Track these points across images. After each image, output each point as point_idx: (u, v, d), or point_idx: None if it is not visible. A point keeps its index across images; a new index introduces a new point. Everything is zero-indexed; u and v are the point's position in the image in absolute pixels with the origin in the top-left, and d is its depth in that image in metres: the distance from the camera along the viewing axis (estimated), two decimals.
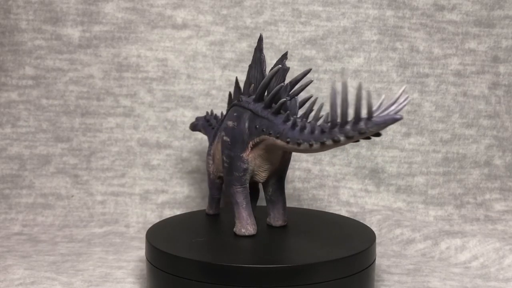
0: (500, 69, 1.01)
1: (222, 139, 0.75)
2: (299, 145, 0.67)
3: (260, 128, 0.71)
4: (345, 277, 0.70)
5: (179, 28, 1.00)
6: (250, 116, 0.72)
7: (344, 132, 0.64)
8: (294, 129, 0.68)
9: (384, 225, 0.94)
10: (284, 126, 0.68)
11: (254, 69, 0.76)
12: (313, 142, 0.66)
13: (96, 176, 1.00)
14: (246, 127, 0.72)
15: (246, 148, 0.73)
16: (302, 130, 0.67)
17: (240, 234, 0.74)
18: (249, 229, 0.74)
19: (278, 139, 0.69)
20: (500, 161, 1.01)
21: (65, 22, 1.00)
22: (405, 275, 0.81)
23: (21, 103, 1.01)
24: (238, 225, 0.75)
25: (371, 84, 1.00)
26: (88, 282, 0.78)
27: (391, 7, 0.99)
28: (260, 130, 0.71)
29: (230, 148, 0.73)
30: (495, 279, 0.80)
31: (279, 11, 1.00)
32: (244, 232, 0.74)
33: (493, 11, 1.00)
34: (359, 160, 1.00)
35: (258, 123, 0.71)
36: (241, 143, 0.73)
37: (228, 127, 0.74)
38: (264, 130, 0.70)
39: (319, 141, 0.65)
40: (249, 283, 0.68)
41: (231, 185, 0.74)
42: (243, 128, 0.73)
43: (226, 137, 0.74)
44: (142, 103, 1.01)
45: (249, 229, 0.74)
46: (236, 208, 0.74)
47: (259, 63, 0.76)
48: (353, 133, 0.64)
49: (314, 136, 0.66)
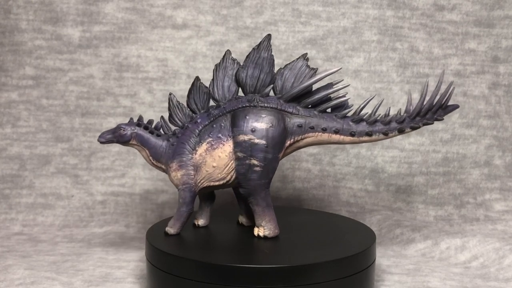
0: (500, 69, 1.01)
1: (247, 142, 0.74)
2: (370, 135, 0.78)
3: (307, 127, 0.76)
4: (345, 277, 0.70)
5: (179, 28, 1.00)
6: (283, 115, 0.75)
7: (426, 119, 0.78)
8: (359, 123, 0.78)
9: (384, 225, 0.94)
10: (343, 121, 0.77)
11: (253, 69, 0.76)
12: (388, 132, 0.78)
13: (96, 176, 1.00)
14: (284, 127, 0.75)
15: (283, 148, 0.75)
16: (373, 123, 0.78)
17: (274, 235, 0.76)
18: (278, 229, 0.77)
19: (336, 134, 0.77)
20: (500, 161, 1.01)
21: (65, 22, 1.00)
22: (405, 275, 0.81)
23: (21, 103, 1.01)
24: (271, 227, 0.76)
25: (371, 84, 1.00)
26: (88, 282, 0.78)
27: (391, 7, 0.99)
28: (307, 129, 0.76)
29: (267, 151, 0.74)
30: (495, 279, 0.80)
31: (279, 11, 1.00)
32: (277, 232, 0.76)
33: (493, 11, 1.00)
34: (359, 160, 1.01)
35: (300, 122, 0.76)
36: (280, 144, 0.74)
37: (257, 129, 0.74)
38: (313, 128, 0.76)
39: (396, 129, 0.78)
40: (249, 283, 0.68)
41: (264, 189, 0.75)
42: (282, 128, 0.74)
43: (258, 140, 0.74)
44: (142, 103, 1.01)
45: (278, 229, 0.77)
46: (267, 210, 0.75)
47: (266, 63, 0.76)
48: (432, 121, 0.78)
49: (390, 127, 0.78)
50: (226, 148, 0.74)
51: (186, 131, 0.76)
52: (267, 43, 0.75)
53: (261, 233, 0.75)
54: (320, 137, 0.77)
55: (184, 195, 0.75)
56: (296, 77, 0.76)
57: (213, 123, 0.75)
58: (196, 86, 0.76)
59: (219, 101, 0.76)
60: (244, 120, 0.74)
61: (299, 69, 0.76)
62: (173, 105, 0.77)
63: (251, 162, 0.74)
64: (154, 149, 0.77)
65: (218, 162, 0.75)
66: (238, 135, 0.74)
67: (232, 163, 0.74)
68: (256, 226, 0.76)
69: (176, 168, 0.75)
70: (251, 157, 0.74)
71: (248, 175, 0.74)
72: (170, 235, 0.76)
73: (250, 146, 0.74)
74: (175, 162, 0.76)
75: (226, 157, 0.74)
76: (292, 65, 0.76)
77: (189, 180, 0.75)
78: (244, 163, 0.74)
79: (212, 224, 0.81)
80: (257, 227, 0.76)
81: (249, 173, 0.74)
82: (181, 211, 0.76)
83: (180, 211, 0.76)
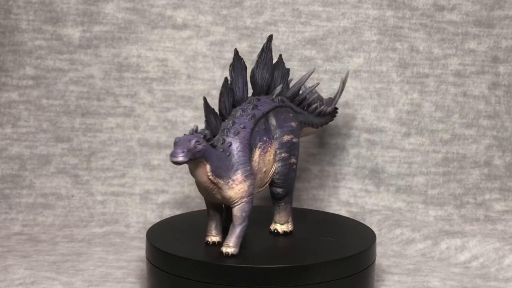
0: (500, 69, 1.01)
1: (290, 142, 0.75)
2: (322, 126, 0.85)
3: (303, 122, 0.80)
4: (345, 277, 0.70)
5: (179, 28, 1.00)
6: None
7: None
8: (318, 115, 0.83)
9: (384, 225, 0.94)
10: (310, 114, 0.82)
11: (262, 70, 0.76)
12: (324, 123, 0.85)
13: (96, 176, 1.00)
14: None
15: None
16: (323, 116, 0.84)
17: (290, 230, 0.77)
18: None
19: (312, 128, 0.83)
20: (500, 161, 1.01)
21: (65, 22, 1.00)
22: (405, 275, 0.81)
23: (21, 103, 1.01)
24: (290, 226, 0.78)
25: (371, 84, 1.00)
26: (88, 282, 0.78)
27: (391, 7, 0.99)
28: (303, 124, 0.80)
29: (299, 148, 0.77)
30: (495, 279, 0.80)
31: (279, 11, 1.00)
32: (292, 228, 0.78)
33: (493, 11, 1.00)
34: (359, 160, 1.01)
35: (300, 118, 0.79)
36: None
37: (293, 127, 0.76)
38: (305, 123, 0.81)
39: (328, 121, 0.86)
40: (249, 283, 0.68)
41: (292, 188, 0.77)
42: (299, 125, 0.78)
43: (295, 138, 0.76)
44: (142, 103, 1.01)
45: None
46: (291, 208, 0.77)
47: (269, 63, 0.76)
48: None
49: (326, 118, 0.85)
50: (272, 150, 0.74)
51: (237, 138, 0.70)
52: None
53: (287, 229, 0.77)
54: (306, 131, 0.82)
55: (248, 207, 0.70)
56: (281, 77, 0.78)
57: (256, 126, 0.73)
58: (226, 88, 0.72)
59: (239, 102, 0.74)
60: (284, 121, 0.75)
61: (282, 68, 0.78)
62: (208, 109, 0.70)
63: (291, 161, 0.75)
64: (216, 163, 0.68)
65: (267, 166, 0.73)
66: (283, 135, 0.75)
67: (274, 165, 0.74)
68: (281, 224, 0.77)
69: (242, 179, 0.69)
70: (291, 156, 0.75)
71: (289, 175, 0.75)
72: (169, 236, 0.76)
73: (291, 145, 0.75)
74: (239, 174, 0.69)
75: (272, 160, 0.74)
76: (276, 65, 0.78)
77: (252, 191, 0.70)
78: (287, 163, 0.75)
79: None
80: (282, 224, 0.77)
81: (290, 172, 0.75)
82: (243, 226, 0.70)
83: (242, 226, 0.70)
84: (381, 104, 1.00)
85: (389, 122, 1.00)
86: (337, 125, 1.00)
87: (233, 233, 0.70)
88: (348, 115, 1.00)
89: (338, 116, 0.94)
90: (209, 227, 0.73)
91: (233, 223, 0.70)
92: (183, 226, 0.79)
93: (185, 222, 0.81)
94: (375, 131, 1.00)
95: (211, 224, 0.73)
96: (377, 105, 1.00)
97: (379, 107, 1.00)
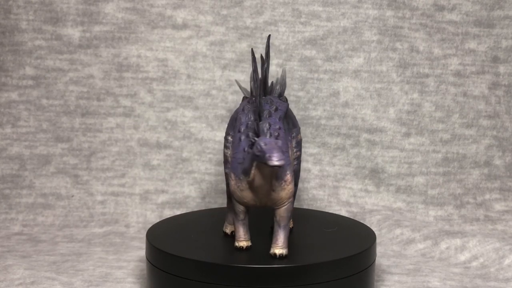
0: (500, 69, 1.01)
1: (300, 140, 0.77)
2: None
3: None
4: (345, 277, 0.70)
5: (179, 28, 1.00)
6: None
7: None
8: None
9: (384, 225, 0.94)
10: None
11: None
12: None
13: (96, 176, 1.00)
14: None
15: None
16: None
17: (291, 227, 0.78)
18: None
19: None
20: (500, 161, 1.01)
21: (65, 22, 1.00)
22: (405, 275, 0.81)
23: (21, 103, 1.01)
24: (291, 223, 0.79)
25: (371, 84, 1.00)
26: (88, 282, 0.78)
27: (391, 7, 0.99)
28: None
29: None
30: (495, 279, 0.80)
31: (279, 11, 1.00)
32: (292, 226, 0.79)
33: (493, 11, 1.00)
34: (359, 160, 1.01)
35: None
36: None
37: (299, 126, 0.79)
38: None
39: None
40: (249, 283, 0.68)
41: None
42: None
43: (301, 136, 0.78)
44: (142, 103, 1.01)
45: None
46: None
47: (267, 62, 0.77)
48: None
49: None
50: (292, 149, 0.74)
51: (280, 139, 0.69)
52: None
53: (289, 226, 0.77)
54: None
55: (292, 207, 0.69)
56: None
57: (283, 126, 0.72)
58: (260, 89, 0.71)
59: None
60: (294, 119, 0.77)
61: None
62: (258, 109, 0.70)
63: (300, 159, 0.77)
64: None
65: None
66: (298, 134, 0.76)
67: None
68: None
69: (290, 180, 0.68)
70: (300, 155, 0.77)
71: (299, 172, 0.78)
72: (169, 236, 0.76)
73: (300, 143, 0.77)
74: (288, 174, 0.68)
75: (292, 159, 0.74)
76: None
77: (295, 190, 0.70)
78: (299, 161, 0.77)
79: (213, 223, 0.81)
80: None
81: (299, 170, 0.78)
82: (288, 225, 0.69)
83: (288, 226, 0.69)
84: (381, 104, 1.00)
85: (389, 122, 1.00)
86: (337, 125, 1.00)
87: (282, 234, 0.69)
88: (348, 115, 1.00)
89: (338, 116, 0.94)
90: (239, 233, 0.71)
91: (279, 224, 0.69)
92: (183, 226, 0.79)
93: (185, 222, 0.81)
94: (375, 131, 1.00)
95: (242, 229, 0.71)
96: (377, 105, 1.00)
97: (379, 107, 1.00)
